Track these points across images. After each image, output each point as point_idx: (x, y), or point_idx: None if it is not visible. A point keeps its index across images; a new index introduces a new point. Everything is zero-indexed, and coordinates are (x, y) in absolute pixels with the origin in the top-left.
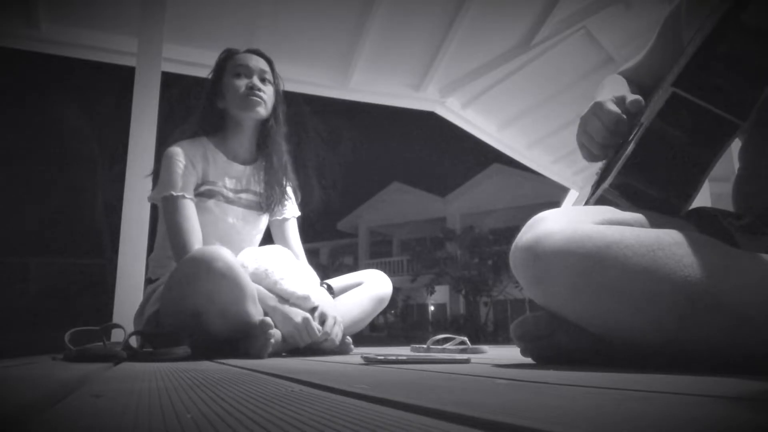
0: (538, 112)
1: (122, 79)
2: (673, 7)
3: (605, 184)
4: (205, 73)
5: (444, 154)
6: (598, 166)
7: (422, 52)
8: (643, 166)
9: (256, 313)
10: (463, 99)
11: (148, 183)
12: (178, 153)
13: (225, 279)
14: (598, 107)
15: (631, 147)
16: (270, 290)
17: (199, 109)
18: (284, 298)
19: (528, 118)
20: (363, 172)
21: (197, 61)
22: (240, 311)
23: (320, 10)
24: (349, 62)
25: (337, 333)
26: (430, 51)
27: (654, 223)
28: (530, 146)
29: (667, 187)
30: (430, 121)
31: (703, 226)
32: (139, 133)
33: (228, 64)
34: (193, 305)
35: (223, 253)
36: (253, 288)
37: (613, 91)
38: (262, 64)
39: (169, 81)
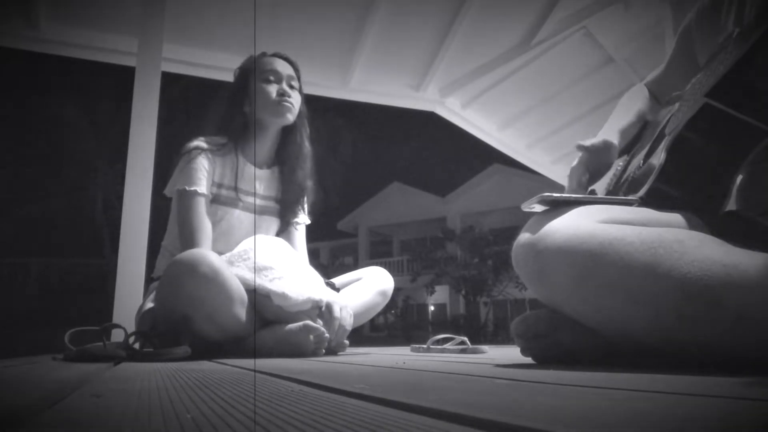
0: (538, 112)
1: (122, 79)
2: (685, 24)
3: (641, 193)
4: (205, 73)
5: (444, 154)
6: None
7: (422, 52)
8: (674, 173)
9: (246, 317)
10: (463, 99)
11: (149, 183)
12: (198, 148)
13: (210, 283)
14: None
15: (663, 156)
16: (263, 289)
17: (222, 112)
18: (280, 303)
19: (528, 118)
20: (363, 172)
21: (197, 61)
22: (228, 315)
23: (320, 10)
24: (349, 62)
25: (346, 319)
26: (430, 51)
27: (657, 222)
28: (530, 146)
29: (698, 191)
30: (430, 121)
31: (738, 227)
32: (139, 133)
33: (256, 68)
34: (182, 310)
35: (209, 256)
36: (242, 291)
37: (616, 117)
38: (289, 69)
39: (170, 81)
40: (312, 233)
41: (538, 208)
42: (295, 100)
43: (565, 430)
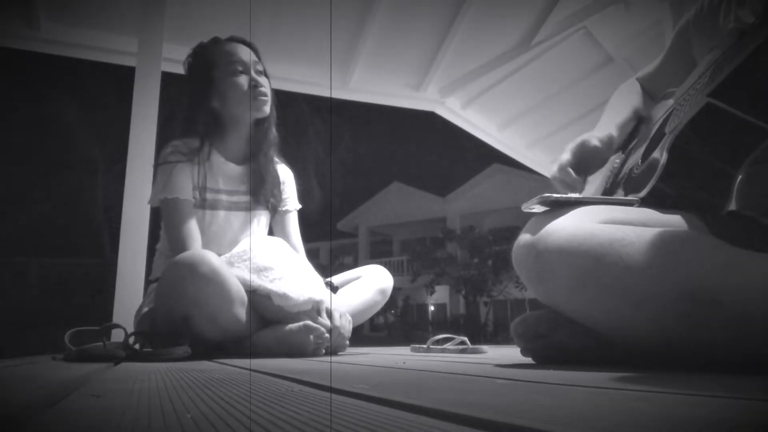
0: (538, 112)
1: (122, 79)
2: (682, 23)
3: (642, 193)
4: None
5: (444, 154)
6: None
7: (422, 52)
8: (676, 173)
9: (246, 317)
10: (463, 99)
11: (149, 183)
12: (173, 154)
13: (210, 283)
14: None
15: (664, 156)
16: (264, 290)
17: (187, 109)
18: (281, 303)
19: (528, 118)
20: (363, 172)
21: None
22: (229, 315)
23: (320, 11)
24: (349, 62)
25: (344, 326)
26: (430, 51)
27: (657, 222)
28: (530, 146)
29: (700, 191)
30: (430, 121)
31: (739, 227)
32: (139, 133)
33: (219, 59)
34: (182, 310)
35: (208, 256)
36: (242, 291)
37: (612, 111)
38: (252, 55)
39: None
40: (312, 233)
41: (539, 208)
42: (268, 89)
43: (565, 430)
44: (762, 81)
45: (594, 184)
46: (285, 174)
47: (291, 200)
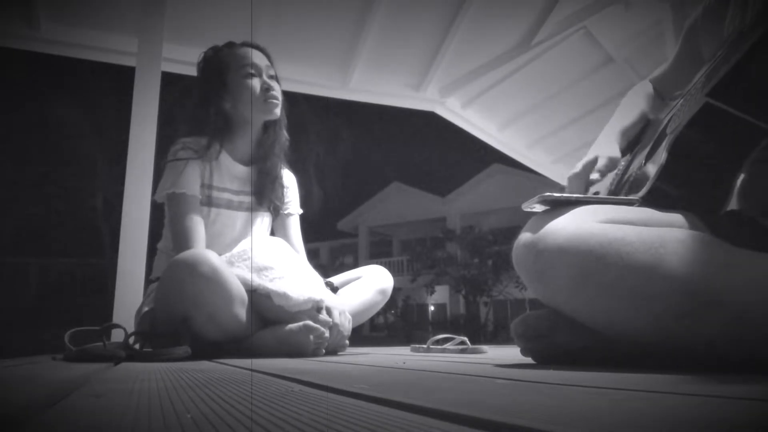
0: (538, 112)
1: (122, 79)
2: (691, 21)
3: (641, 192)
4: None
5: (444, 154)
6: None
7: (422, 52)
8: (676, 173)
9: (246, 317)
10: (463, 99)
11: (149, 183)
12: (183, 150)
13: (210, 283)
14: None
15: (664, 156)
16: (264, 289)
17: (199, 108)
18: (281, 303)
19: (528, 118)
20: (363, 172)
21: (197, 61)
22: (229, 315)
23: (320, 10)
24: (349, 62)
25: (344, 324)
26: (430, 51)
27: (658, 222)
28: (530, 146)
29: (699, 191)
30: (430, 121)
31: (739, 227)
32: (139, 133)
33: (232, 61)
34: (182, 310)
35: (209, 256)
36: (242, 291)
37: (619, 116)
38: (264, 59)
39: (170, 81)
40: (312, 233)
41: (539, 208)
42: (279, 93)
43: (565, 430)
44: (760, 80)
45: (601, 184)
46: (289, 179)
47: (293, 204)
